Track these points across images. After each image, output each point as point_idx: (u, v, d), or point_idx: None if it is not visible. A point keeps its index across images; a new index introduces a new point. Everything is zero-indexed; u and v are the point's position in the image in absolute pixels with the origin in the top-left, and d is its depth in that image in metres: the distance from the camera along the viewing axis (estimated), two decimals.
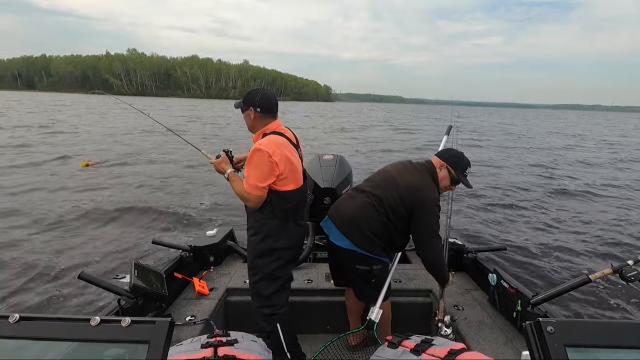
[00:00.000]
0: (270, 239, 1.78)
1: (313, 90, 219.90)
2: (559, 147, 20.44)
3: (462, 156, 1.97)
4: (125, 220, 6.38)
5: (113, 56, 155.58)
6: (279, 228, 1.79)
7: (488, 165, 13.13)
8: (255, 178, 1.68)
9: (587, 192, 9.40)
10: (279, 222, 1.79)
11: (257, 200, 1.72)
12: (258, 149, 1.68)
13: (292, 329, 1.95)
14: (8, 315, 0.65)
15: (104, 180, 9.11)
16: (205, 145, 14.09)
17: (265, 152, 1.66)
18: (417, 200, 1.83)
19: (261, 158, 1.67)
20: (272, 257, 1.80)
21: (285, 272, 1.89)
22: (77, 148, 13.45)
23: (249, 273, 1.89)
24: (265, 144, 1.70)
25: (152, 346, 0.61)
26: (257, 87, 1.92)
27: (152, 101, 75.73)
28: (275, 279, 1.84)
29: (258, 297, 1.86)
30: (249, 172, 1.70)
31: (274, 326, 1.83)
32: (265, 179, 1.68)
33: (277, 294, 1.85)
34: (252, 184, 1.68)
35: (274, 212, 1.76)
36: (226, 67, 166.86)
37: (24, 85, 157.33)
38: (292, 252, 1.89)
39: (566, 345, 0.60)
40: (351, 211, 1.92)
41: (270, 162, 1.67)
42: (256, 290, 1.86)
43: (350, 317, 2.29)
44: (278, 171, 1.69)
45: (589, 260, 5.23)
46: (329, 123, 34.00)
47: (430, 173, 1.93)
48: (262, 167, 1.67)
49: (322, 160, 3.40)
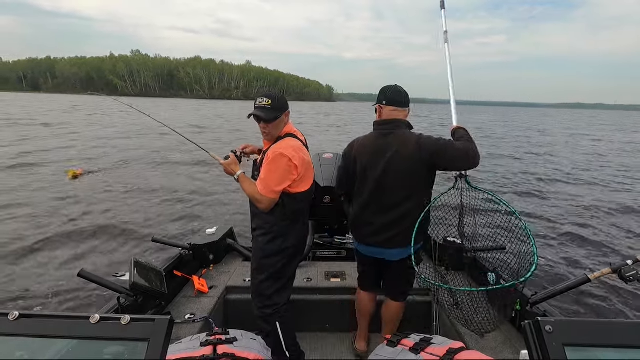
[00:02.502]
0: (279, 240, 1.79)
1: (315, 90, 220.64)
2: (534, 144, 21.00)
3: (384, 88, 1.88)
4: (126, 220, 6.39)
5: (117, 58, 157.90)
6: (288, 229, 1.80)
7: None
8: (273, 181, 1.68)
9: (587, 192, 9.41)
10: (290, 223, 1.80)
11: (270, 203, 1.71)
12: (281, 153, 1.67)
13: (292, 327, 1.95)
14: (8, 313, 0.65)
15: (105, 179, 9.11)
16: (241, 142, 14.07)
17: (287, 156, 1.66)
18: (435, 150, 1.72)
19: (282, 162, 1.67)
20: (279, 256, 1.81)
21: (290, 270, 1.91)
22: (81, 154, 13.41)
23: (254, 273, 1.88)
24: (286, 147, 1.70)
25: (152, 344, 0.61)
26: (270, 91, 1.81)
27: (160, 102, 76.85)
28: (280, 277, 1.85)
29: (260, 297, 1.86)
30: (267, 175, 1.69)
31: (274, 325, 1.83)
32: (282, 183, 1.69)
33: (278, 292, 1.86)
34: (269, 187, 1.68)
35: (285, 214, 1.77)
36: (229, 68, 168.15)
37: (29, 87, 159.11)
38: (299, 249, 1.92)
39: (565, 345, 0.60)
40: (390, 221, 1.85)
41: (290, 167, 1.67)
42: (259, 290, 1.85)
43: (361, 319, 2.24)
44: (296, 174, 1.71)
45: (588, 260, 5.24)
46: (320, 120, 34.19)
47: (408, 125, 1.86)
48: (282, 171, 1.67)
49: (322, 158, 3.40)
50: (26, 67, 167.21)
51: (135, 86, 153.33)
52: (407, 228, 1.76)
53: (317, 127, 28.94)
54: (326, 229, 3.39)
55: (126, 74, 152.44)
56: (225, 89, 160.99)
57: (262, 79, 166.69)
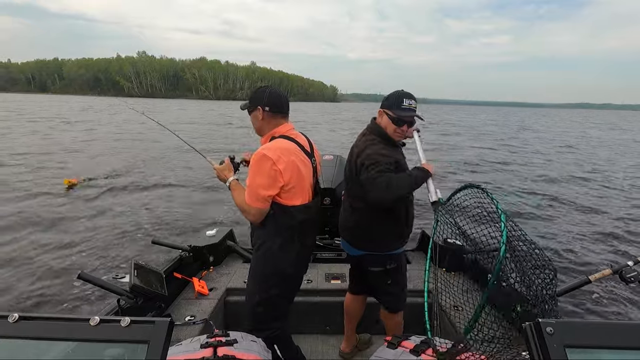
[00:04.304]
0: (270, 261, 1.59)
1: (319, 90, 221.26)
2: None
3: (393, 93, 1.77)
4: (126, 220, 6.38)
5: (123, 59, 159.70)
6: (282, 248, 1.58)
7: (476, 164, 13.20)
8: (257, 187, 1.49)
9: (587, 192, 9.41)
10: (283, 241, 1.58)
11: (258, 213, 1.53)
12: (262, 154, 1.48)
13: (290, 341, 1.80)
14: (7, 315, 0.65)
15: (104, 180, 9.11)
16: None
17: (269, 158, 1.47)
18: (360, 163, 1.70)
19: (264, 165, 1.47)
20: (271, 282, 1.61)
21: (285, 300, 1.71)
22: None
23: (247, 293, 1.71)
24: (270, 148, 1.50)
25: (152, 346, 0.61)
26: (264, 85, 1.70)
27: (169, 103, 77.99)
28: (274, 306, 1.65)
29: (254, 320, 1.68)
30: (251, 180, 1.50)
31: (271, 346, 1.62)
32: (268, 188, 1.49)
33: (275, 320, 1.67)
34: (254, 194, 1.49)
35: (277, 229, 1.57)
36: (234, 69, 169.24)
37: (37, 88, 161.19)
38: (295, 278, 1.72)
39: (566, 346, 0.60)
40: (343, 218, 1.93)
41: (274, 171, 1.47)
42: (253, 314, 1.67)
43: (348, 322, 2.21)
44: (282, 181, 1.50)
45: (589, 261, 5.23)
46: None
47: (373, 128, 1.81)
48: (266, 175, 1.47)
49: (322, 160, 3.40)
50: (34, 68, 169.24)
51: (142, 87, 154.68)
52: (361, 234, 1.83)
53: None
54: (326, 231, 3.40)
55: (132, 75, 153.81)
56: (230, 90, 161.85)
57: (267, 79, 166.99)
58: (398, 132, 1.75)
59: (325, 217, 3.26)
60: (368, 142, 1.75)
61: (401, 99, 1.71)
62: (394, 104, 1.72)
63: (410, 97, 1.73)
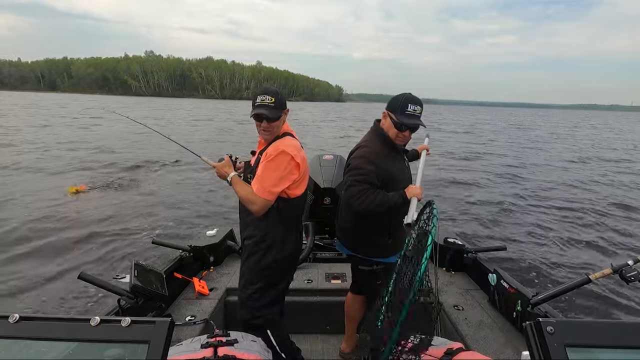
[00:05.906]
0: (273, 250, 1.67)
1: (325, 90, 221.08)
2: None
3: (400, 96, 1.75)
4: (126, 220, 6.39)
5: (131, 58, 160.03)
6: (283, 237, 1.69)
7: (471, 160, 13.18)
8: (270, 181, 1.57)
9: (586, 193, 9.40)
10: (285, 230, 1.69)
11: (264, 205, 1.59)
12: (283, 150, 1.58)
13: (284, 329, 1.86)
14: (8, 315, 0.65)
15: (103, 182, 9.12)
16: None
17: (289, 154, 1.58)
18: (347, 164, 1.79)
19: (284, 160, 1.58)
20: (273, 268, 1.70)
21: (284, 282, 1.80)
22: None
23: (245, 283, 1.74)
24: (288, 145, 1.61)
25: (152, 346, 0.61)
26: (268, 87, 1.72)
27: (177, 102, 78.48)
28: (273, 290, 1.74)
29: (249, 309, 1.72)
30: (265, 173, 1.58)
31: (265, 333, 1.71)
32: (280, 183, 1.59)
33: (271, 304, 1.74)
34: (265, 187, 1.56)
35: (281, 220, 1.66)
36: (240, 69, 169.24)
37: (47, 86, 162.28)
38: (293, 260, 1.82)
39: (566, 346, 0.60)
40: (338, 217, 1.98)
41: (292, 166, 1.59)
42: (249, 302, 1.71)
43: (349, 322, 2.21)
44: (297, 174, 1.62)
45: (589, 260, 5.24)
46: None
47: (375, 131, 1.82)
48: (282, 170, 1.58)
49: (322, 160, 3.40)
50: (44, 67, 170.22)
51: (149, 86, 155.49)
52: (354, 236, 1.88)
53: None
54: (326, 230, 3.40)
55: (140, 74, 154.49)
56: (236, 89, 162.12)
57: (273, 79, 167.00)
58: (400, 137, 1.76)
59: (326, 217, 3.26)
60: (365, 144, 1.79)
61: (406, 104, 1.70)
62: (399, 108, 1.71)
63: (416, 102, 1.71)
